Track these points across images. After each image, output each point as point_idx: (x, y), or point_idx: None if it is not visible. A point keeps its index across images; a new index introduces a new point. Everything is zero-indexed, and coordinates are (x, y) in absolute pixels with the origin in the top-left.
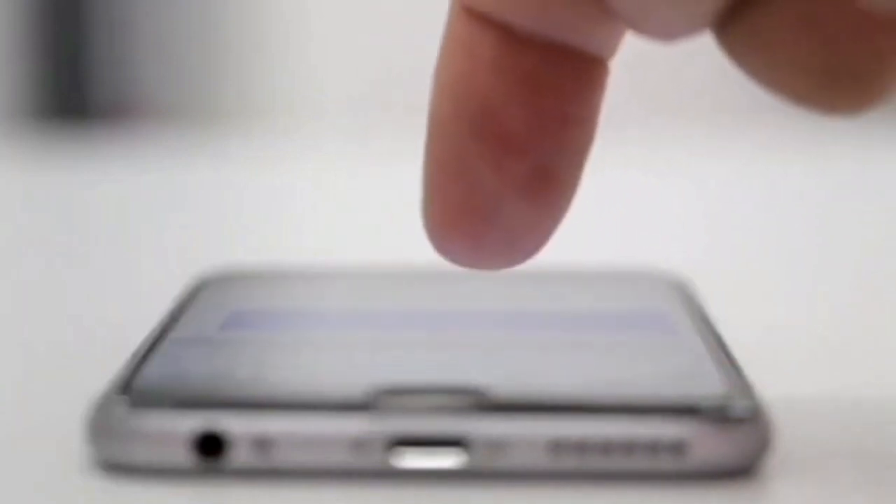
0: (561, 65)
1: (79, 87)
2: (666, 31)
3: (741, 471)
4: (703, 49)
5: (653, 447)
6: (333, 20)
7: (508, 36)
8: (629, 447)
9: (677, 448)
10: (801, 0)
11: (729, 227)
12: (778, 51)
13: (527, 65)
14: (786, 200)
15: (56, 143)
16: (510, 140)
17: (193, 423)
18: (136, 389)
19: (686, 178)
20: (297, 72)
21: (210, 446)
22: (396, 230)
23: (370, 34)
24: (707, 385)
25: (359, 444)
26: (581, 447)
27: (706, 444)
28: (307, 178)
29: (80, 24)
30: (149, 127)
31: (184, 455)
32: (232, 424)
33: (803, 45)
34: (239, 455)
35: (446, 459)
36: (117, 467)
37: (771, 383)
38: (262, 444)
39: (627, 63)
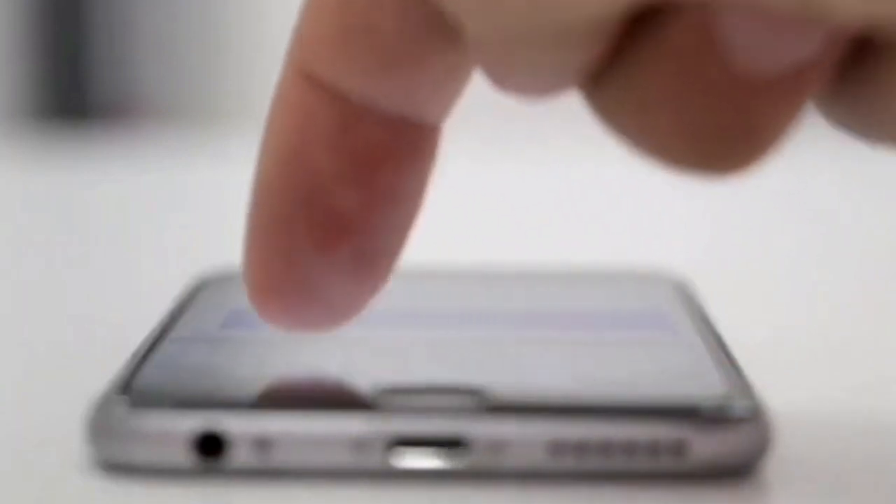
0: (398, 138)
1: (79, 87)
2: (530, 89)
3: (741, 471)
4: None
5: (653, 447)
6: None
7: (345, 107)
8: (629, 447)
9: (677, 448)
10: (675, 63)
11: (729, 227)
12: (651, 113)
13: (363, 139)
14: (786, 200)
15: (56, 143)
16: (338, 221)
17: (193, 423)
18: (136, 389)
19: (686, 178)
20: None
21: (210, 446)
22: None
23: None
24: (707, 385)
25: (359, 444)
26: (581, 447)
27: (706, 445)
28: None
29: (80, 24)
30: (149, 127)
31: (184, 455)
32: (232, 424)
33: (677, 108)
34: (239, 455)
35: (446, 459)
36: (117, 467)
37: (771, 383)
38: (262, 444)
39: None
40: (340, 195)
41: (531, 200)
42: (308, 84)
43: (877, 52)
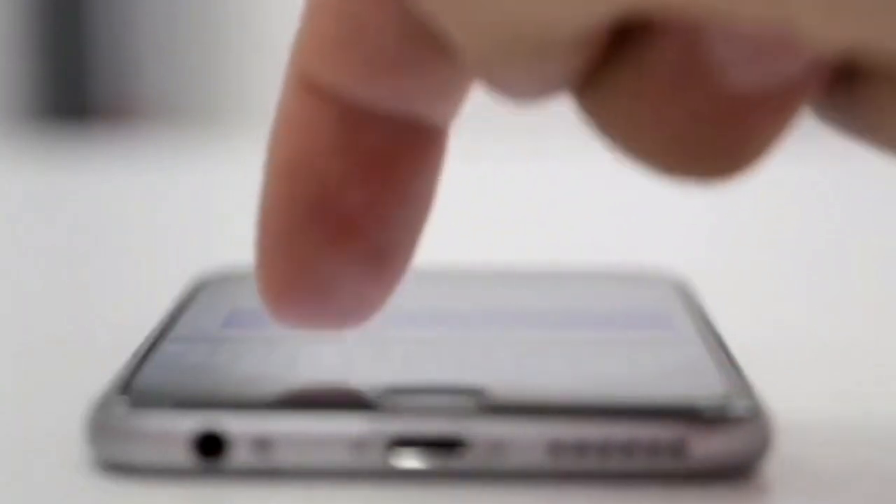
0: (403, 140)
1: (79, 87)
2: (521, 94)
3: (741, 471)
4: None
5: (652, 447)
6: None
7: (349, 112)
8: (629, 447)
9: (677, 448)
10: (661, 75)
11: (729, 227)
12: (638, 122)
13: (368, 143)
14: (786, 200)
15: (56, 143)
16: (348, 222)
17: (193, 423)
18: (136, 389)
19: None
20: None
21: (210, 446)
22: None
23: None
24: (707, 385)
25: (359, 444)
26: (581, 447)
27: (706, 444)
28: None
29: (80, 24)
30: (149, 127)
31: (184, 455)
32: (232, 424)
33: (664, 119)
34: (239, 455)
35: (446, 459)
36: (117, 467)
37: (771, 383)
38: (262, 444)
39: None
40: (348, 197)
41: (531, 200)
42: (310, 91)
43: (862, 71)
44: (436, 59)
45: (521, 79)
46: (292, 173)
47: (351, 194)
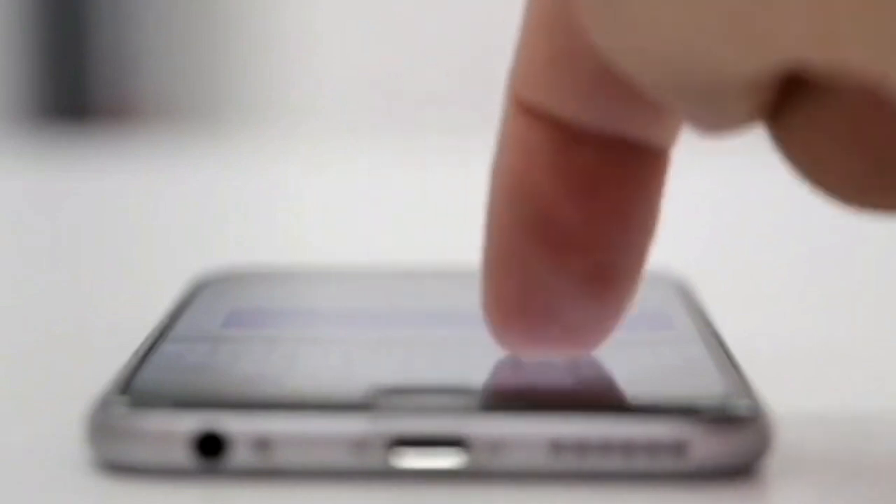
0: (619, 159)
1: (79, 87)
2: (711, 124)
3: (741, 471)
4: None
5: (652, 447)
6: (334, 20)
7: (564, 131)
8: (629, 447)
9: (677, 448)
10: (850, 105)
11: (729, 227)
12: (824, 151)
13: (583, 161)
14: (787, 200)
15: (56, 143)
16: (568, 240)
17: (193, 423)
18: (136, 389)
19: (686, 178)
20: (298, 72)
21: (210, 446)
22: (397, 230)
23: (371, 35)
24: (707, 385)
25: (359, 444)
26: (581, 447)
27: (706, 444)
28: (307, 178)
29: (80, 24)
30: (149, 127)
31: (184, 455)
32: (232, 424)
33: (848, 149)
34: (239, 455)
35: (446, 459)
36: (117, 467)
37: (771, 383)
38: (262, 444)
39: None
40: (567, 215)
41: None
42: (527, 113)
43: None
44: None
45: (703, 116)
46: (513, 193)
47: (569, 213)
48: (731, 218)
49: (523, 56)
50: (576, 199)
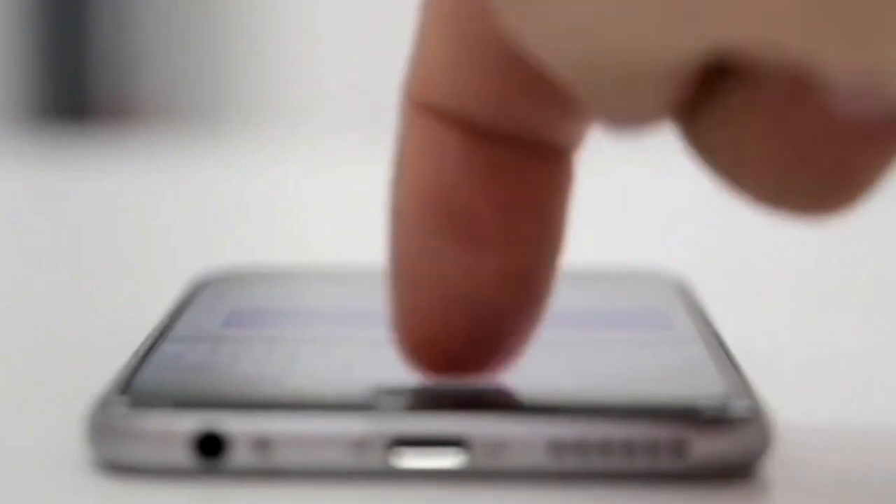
0: (528, 158)
1: (79, 87)
2: (620, 121)
3: (741, 471)
4: None
5: (652, 447)
6: (334, 20)
7: (470, 130)
8: (629, 447)
9: (677, 448)
10: (766, 109)
11: (729, 227)
12: (744, 147)
13: (494, 160)
14: None
15: (56, 143)
16: (484, 238)
17: (193, 423)
18: (136, 389)
19: (686, 178)
20: (297, 72)
21: (210, 446)
22: None
23: (371, 34)
24: (707, 385)
25: (359, 444)
26: (581, 447)
27: (706, 444)
28: (307, 178)
29: (80, 24)
30: (149, 127)
31: (184, 455)
32: (232, 424)
33: (769, 152)
34: (239, 455)
35: (446, 459)
36: (117, 467)
37: (771, 383)
38: (262, 444)
39: None
40: (480, 213)
41: None
42: (431, 115)
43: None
44: (547, 87)
45: (617, 108)
46: (422, 196)
47: (483, 213)
48: (730, 218)
49: (422, 58)
50: (490, 198)
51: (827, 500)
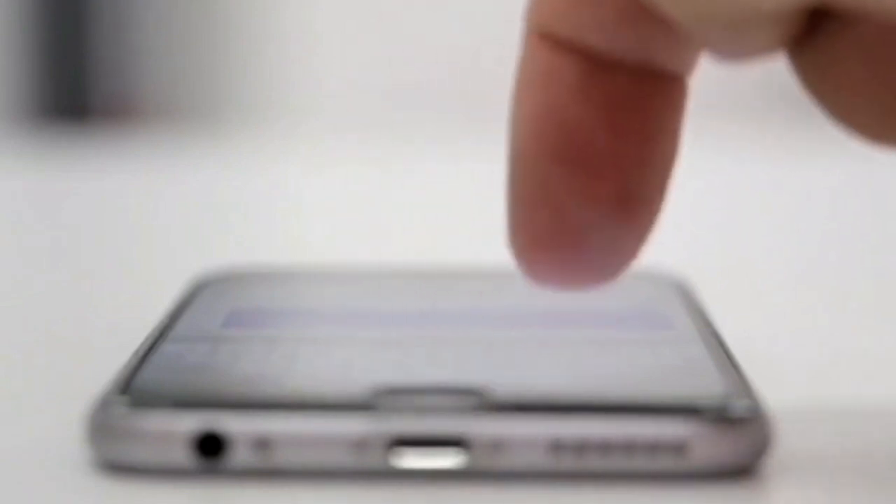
0: (643, 85)
1: (79, 87)
2: (735, 52)
3: (741, 471)
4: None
5: (653, 447)
6: (334, 20)
7: (590, 60)
8: (629, 447)
9: (677, 448)
10: (871, 40)
11: (729, 227)
12: (845, 84)
13: (610, 87)
14: (787, 200)
15: (56, 143)
16: (596, 165)
17: (193, 423)
18: (136, 389)
19: (686, 178)
20: (298, 72)
21: (210, 446)
22: (397, 230)
23: (371, 34)
24: (707, 385)
25: (359, 444)
26: (581, 447)
27: (706, 444)
28: (307, 178)
29: (80, 24)
30: (149, 127)
31: (184, 455)
32: (232, 424)
33: (869, 83)
34: (239, 455)
35: (446, 459)
36: (117, 467)
37: (771, 383)
38: (262, 444)
39: None
40: (594, 140)
41: None
42: (549, 44)
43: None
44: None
45: (728, 44)
46: (539, 124)
47: (597, 139)
48: (730, 218)
49: None
50: (605, 124)
51: (827, 499)
